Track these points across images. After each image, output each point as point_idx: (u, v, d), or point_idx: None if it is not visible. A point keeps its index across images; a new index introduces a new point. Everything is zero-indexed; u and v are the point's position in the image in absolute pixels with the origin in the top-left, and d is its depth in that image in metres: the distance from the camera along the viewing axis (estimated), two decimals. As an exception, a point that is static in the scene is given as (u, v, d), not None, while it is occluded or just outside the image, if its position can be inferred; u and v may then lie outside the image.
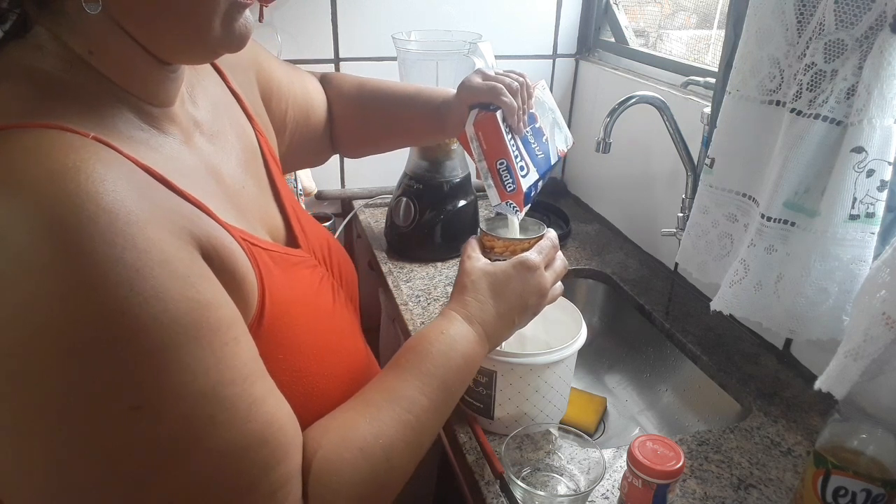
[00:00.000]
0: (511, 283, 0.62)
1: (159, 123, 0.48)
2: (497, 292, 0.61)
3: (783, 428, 0.77)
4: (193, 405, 0.37)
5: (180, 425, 0.36)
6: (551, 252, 0.66)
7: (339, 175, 1.39)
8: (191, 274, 0.39)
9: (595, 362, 1.09)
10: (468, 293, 0.61)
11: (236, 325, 0.42)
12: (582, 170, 1.45)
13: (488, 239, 0.67)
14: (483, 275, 0.62)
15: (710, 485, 0.68)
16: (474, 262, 0.64)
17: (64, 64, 0.42)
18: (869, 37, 0.60)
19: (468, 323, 0.60)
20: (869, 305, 0.56)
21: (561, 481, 0.70)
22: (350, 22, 1.25)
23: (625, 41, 1.34)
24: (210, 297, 0.39)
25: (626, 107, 0.94)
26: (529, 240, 0.66)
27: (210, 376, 0.38)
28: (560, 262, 0.67)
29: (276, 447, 0.41)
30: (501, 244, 0.66)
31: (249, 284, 0.47)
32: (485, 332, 0.60)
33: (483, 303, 0.61)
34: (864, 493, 0.54)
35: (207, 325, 0.38)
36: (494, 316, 0.61)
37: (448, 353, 0.56)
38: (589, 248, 1.23)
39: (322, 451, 0.45)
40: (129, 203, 0.36)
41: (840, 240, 0.65)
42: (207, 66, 0.63)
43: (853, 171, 0.62)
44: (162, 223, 0.38)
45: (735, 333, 0.95)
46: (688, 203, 0.99)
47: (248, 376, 0.41)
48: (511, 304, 0.62)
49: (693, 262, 0.85)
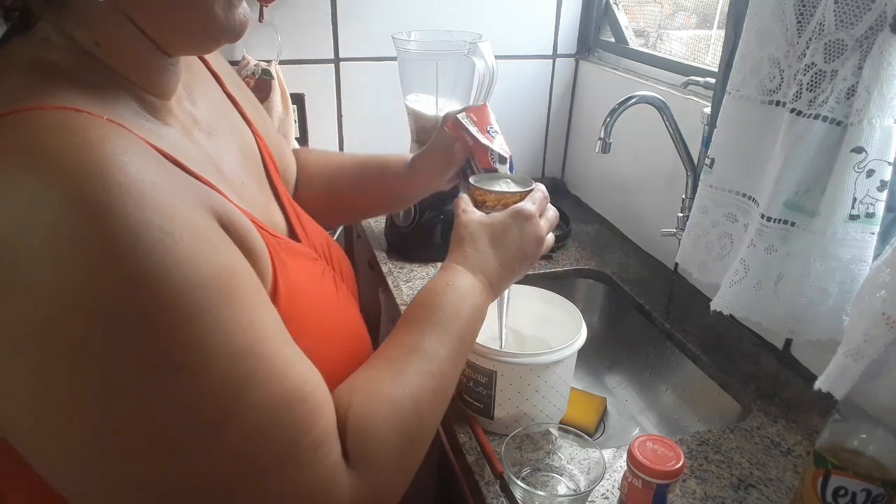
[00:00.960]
0: (509, 232, 0.63)
1: (161, 115, 0.49)
2: (496, 242, 0.62)
3: (783, 428, 0.77)
4: (232, 363, 0.37)
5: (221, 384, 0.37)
6: (543, 202, 0.67)
7: (339, 175, 1.39)
8: (216, 240, 0.40)
9: (595, 362, 1.09)
10: (468, 245, 0.62)
11: (262, 291, 0.43)
12: (582, 170, 1.45)
13: (480, 193, 0.68)
14: (481, 226, 0.63)
15: (710, 485, 0.68)
16: (470, 215, 0.64)
17: (71, 56, 0.43)
18: (869, 37, 0.60)
19: (472, 273, 0.60)
20: (869, 305, 0.56)
21: (561, 481, 0.70)
22: (350, 22, 1.25)
23: (625, 41, 1.34)
24: (236, 263, 0.40)
25: (626, 107, 0.94)
26: (521, 192, 0.67)
27: (246, 335, 0.38)
28: (552, 212, 0.68)
29: (314, 405, 0.41)
30: (493, 197, 0.67)
31: (265, 263, 0.48)
32: (488, 281, 0.61)
33: (484, 253, 0.61)
34: (864, 493, 0.54)
35: (237, 287, 0.39)
36: (496, 265, 0.62)
37: (458, 304, 0.56)
38: (589, 248, 1.23)
39: (353, 408, 0.45)
40: (152, 172, 0.37)
41: (840, 240, 0.65)
42: (205, 71, 0.64)
43: (853, 172, 0.62)
44: (182, 193, 0.39)
45: (735, 333, 0.95)
46: (688, 203, 0.99)
47: (279, 337, 0.42)
48: (511, 253, 0.63)
49: (693, 262, 0.85)
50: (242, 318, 0.38)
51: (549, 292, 0.87)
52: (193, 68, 0.61)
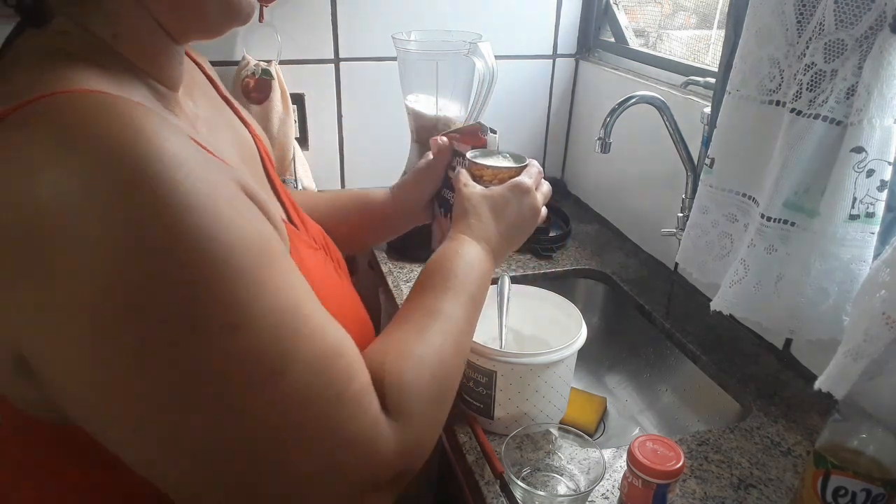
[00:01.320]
0: (509, 205, 0.67)
1: (171, 106, 0.51)
2: (498, 214, 0.67)
3: (783, 428, 0.77)
4: (282, 320, 0.39)
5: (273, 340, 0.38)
6: (538, 176, 0.72)
7: (339, 175, 1.39)
8: (250, 209, 0.42)
9: (595, 362, 1.09)
10: (471, 216, 0.66)
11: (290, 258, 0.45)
12: (582, 170, 1.46)
13: (477, 168, 0.71)
14: (483, 199, 0.67)
15: (710, 485, 0.68)
16: (472, 189, 0.68)
17: (89, 47, 0.44)
18: (869, 37, 0.60)
19: (477, 242, 0.64)
20: (869, 305, 0.56)
21: (561, 481, 0.70)
22: (350, 22, 1.25)
23: (625, 41, 1.34)
24: (269, 231, 0.42)
25: (626, 107, 0.94)
26: (517, 168, 0.71)
27: (289, 294, 0.40)
28: (546, 186, 0.73)
29: (351, 359, 0.44)
30: (490, 172, 0.70)
31: (285, 240, 0.50)
32: (491, 250, 0.65)
33: (486, 224, 0.66)
34: (864, 493, 0.54)
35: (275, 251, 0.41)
36: (497, 235, 0.66)
37: (468, 270, 0.61)
38: (589, 248, 1.23)
39: (387, 365, 0.48)
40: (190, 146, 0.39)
41: (840, 240, 0.65)
42: (201, 74, 0.66)
43: (853, 171, 0.62)
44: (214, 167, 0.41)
45: (735, 333, 0.95)
46: (688, 203, 0.99)
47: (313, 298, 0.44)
48: (510, 224, 0.67)
49: (693, 262, 0.85)
50: (284, 278, 0.41)
51: (549, 292, 0.87)
52: (191, 72, 0.63)
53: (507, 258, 1.16)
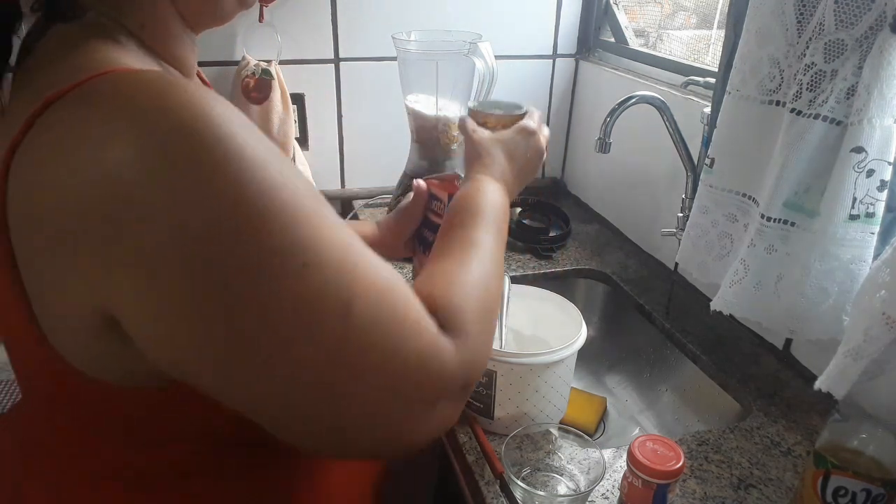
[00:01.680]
0: (519, 146, 0.72)
1: None
2: (510, 154, 0.71)
3: (783, 428, 0.77)
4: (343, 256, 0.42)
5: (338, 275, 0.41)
6: (540, 120, 0.77)
7: (339, 175, 1.39)
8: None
9: (595, 362, 1.09)
10: (486, 158, 0.70)
11: None
12: (582, 170, 1.46)
13: (482, 116, 0.75)
14: (495, 142, 0.72)
15: (710, 485, 0.68)
16: (482, 134, 0.73)
17: (122, 35, 0.48)
18: (869, 37, 0.60)
19: (494, 180, 0.69)
20: (869, 305, 0.56)
21: (561, 481, 0.71)
22: (350, 22, 1.25)
23: (625, 41, 1.34)
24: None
25: (626, 107, 0.94)
26: (519, 115, 0.75)
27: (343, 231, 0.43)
28: (546, 129, 0.77)
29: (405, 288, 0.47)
30: (494, 119, 0.74)
31: None
32: (506, 188, 0.69)
33: (501, 164, 0.70)
34: (864, 493, 0.54)
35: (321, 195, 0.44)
36: (511, 174, 0.71)
37: (493, 204, 0.65)
38: (589, 248, 1.23)
39: (437, 291, 0.51)
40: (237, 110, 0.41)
41: (840, 240, 0.65)
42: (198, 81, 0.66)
43: (853, 171, 0.62)
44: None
45: (735, 333, 0.95)
46: (688, 203, 0.99)
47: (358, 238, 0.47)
48: (520, 164, 0.72)
49: (693, 262, 0.85)
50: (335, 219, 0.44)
51: (549, 292, 0.87)
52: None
53: (507, 258, 1.16)
